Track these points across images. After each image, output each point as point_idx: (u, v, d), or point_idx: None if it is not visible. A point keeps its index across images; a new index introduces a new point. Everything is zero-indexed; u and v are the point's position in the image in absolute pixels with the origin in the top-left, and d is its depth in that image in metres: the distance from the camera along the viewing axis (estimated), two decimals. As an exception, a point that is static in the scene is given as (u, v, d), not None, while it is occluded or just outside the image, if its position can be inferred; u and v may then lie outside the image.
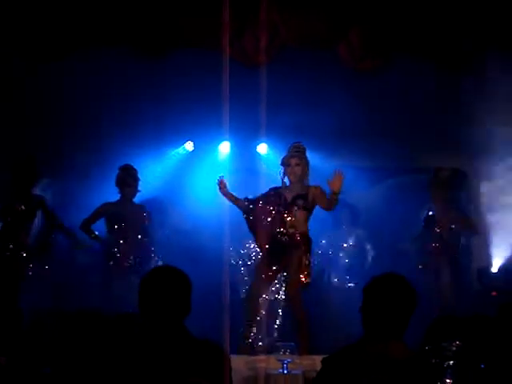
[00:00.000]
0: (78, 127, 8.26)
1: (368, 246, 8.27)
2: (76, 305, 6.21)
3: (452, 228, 7.51)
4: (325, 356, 3.15)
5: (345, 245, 8.15)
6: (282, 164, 6.42)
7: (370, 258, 8.25)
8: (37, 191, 7.31)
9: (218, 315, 4.48)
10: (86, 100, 8.00)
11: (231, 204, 6.72)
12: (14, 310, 4.96)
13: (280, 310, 6.97)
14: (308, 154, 8.84)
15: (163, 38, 5.92)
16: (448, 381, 3.66)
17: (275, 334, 6.68)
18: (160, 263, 7.25)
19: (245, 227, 7.06)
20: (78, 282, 7.43)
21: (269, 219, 6.33)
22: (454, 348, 3.62)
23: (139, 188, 7.37)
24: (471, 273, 8.34)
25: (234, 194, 6.42)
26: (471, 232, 7.72)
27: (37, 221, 7.12)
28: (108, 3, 5.76)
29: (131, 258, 7.18)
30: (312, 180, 6.62)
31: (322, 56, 6.18)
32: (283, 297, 6.79)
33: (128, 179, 7.23)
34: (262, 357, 5.49)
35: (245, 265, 7.61)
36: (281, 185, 6.44)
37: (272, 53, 5.94)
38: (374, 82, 7.04)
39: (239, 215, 7.81)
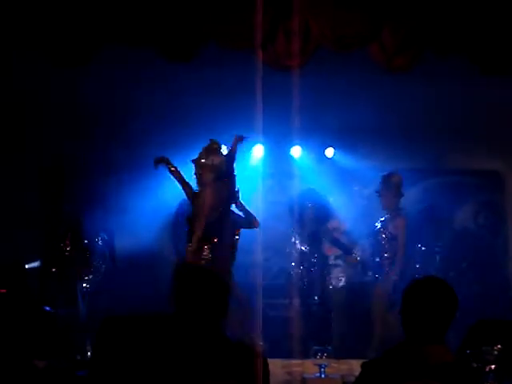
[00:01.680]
0: (104, 131, 8.31)
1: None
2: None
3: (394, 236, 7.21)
4: (365, 360, 3.11)
5: None
6: None
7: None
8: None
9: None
10: (112, 104, 8.04)
11: (265, 209, 6.81)
12: (45, 314, 5.01)
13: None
14: (341, 156, 8.86)
15: (193, 40, 5.91)
16: (489, 385, 3.60)
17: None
18: None
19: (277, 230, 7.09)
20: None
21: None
22: (496, 352, 3.55)
23: None
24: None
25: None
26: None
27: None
28: (136, 3, 5.76)
29: None
30: (346, 181, 6.60)
31: (356, 56, 6.12)
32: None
33: None
34: (299, 361, 5.46)
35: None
36: None
37: (305, 55, 5.90)
38: (407, 81, 6.98)
39: (275, 220, 7.83)
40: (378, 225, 7.21)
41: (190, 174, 7.88)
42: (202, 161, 6.56)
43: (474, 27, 5.76)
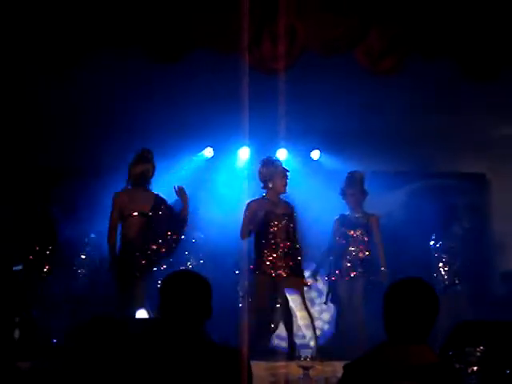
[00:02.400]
0: (91, 135, 8.30)
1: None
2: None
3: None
4: (346, 362, 3.12)
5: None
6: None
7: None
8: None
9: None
10: (99, 106, 8.03)
11: None
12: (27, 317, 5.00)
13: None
14: (328, 159, 8.89)
15: (180, 42, 5.91)
16: (472, 386, 3.62)
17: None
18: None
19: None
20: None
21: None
22: (478, 353, 3.58)
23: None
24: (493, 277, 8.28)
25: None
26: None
27: None
28: (122, 5, 5.75)
29: None
30: (331, 184, 6.64)
31: (341, 60, 6.15)
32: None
33: None
34: (283, 362, 5.46)
35: None
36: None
37: (291, 58, 5.91)
38: (393, 85, 7.01)
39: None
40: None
41: (177, 178, 7.94)
42: (133, 168, 6.80)
43: (460, 31, 5.79)
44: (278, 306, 6.53)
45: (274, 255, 6.48)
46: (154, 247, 6.61)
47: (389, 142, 8.43)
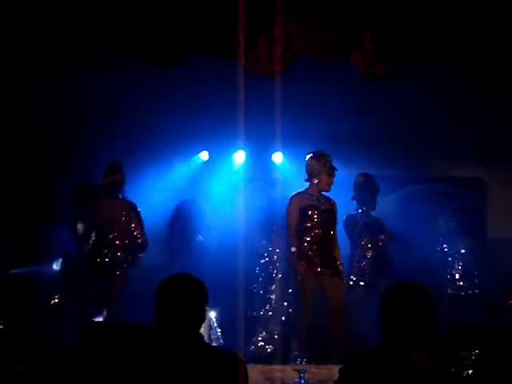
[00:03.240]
0: (90, 137, 8.29)
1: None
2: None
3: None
4: (342, 365, 3.12)
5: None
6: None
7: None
8: None
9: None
10: (98, 110, 8.03)
11: (246, 215, 6.84)
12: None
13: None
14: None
15: (176, 47, 5.92)
16: (467, 390, 3.61)
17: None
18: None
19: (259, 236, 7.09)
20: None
21: None
22: (474, 357, 3.58)
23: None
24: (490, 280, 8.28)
25: None
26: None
27: None
28: (119, 11, 5.75)
29: None
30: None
31: (337, 64, 6.16)
32: None
33: None
34: (279, 366, 5.46)
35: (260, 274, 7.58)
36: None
37: (286, 61, 5.92)
38: (388, 89, 7.03)
39: (254, 225, 7.82)
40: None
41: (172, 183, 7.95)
42: (103, 179, 7.06)
43: (454, 35, 5.81)
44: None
45: (314, 250, 6.38)
46: (119, 254, 6.90)
47: (385, 146, 8.44)
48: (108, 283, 6.85)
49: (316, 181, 6.51)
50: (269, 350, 6.64)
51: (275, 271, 7.22)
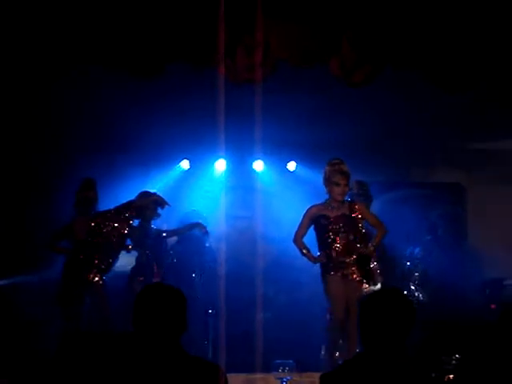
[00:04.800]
0: (72, 148, 8.27)
1: None
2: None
3: None
4: (323, 372, 3.12)
5: None
6: None
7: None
8: None
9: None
10: (80, 120, 8.01)
11: (228, 223, 6.81)
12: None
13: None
14: (303, 169, 8.91)
15: (155, 57, 5.90)
16: (448, 395, 3.63)
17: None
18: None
19: (240, 243, 7.06)
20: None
21: None
22: (454, 361, 3.59)
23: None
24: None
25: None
26: None
27: None
28: (97, 22, 5.73)
29: None
30: (307, 195, 6.63)
31: (316, 71, 6.18)
32: None
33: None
34: (261, 375, 5.44)
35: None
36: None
37: (266, 70, 5.93)
38: (368, 96, 7.07)
39: (234, 234, 7.83)
40: None
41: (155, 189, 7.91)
42: (76, 195, 7.09)
43: (430, 43, 5.85)
44: None
45: (335, 256, 6.17)
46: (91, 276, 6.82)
47: (364, 153, 8.46)
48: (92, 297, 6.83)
49: (327, 189, 6.32)
50: None
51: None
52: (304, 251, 6.27)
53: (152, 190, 7.25)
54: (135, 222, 7.16)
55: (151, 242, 7.48)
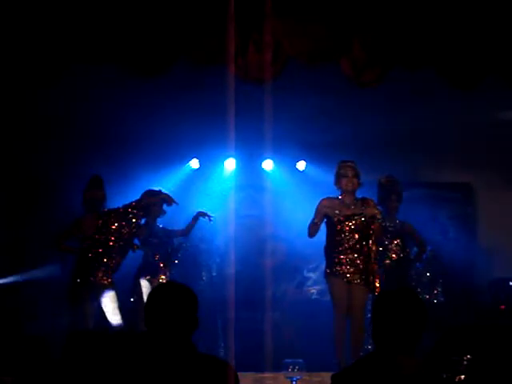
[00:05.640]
0: (80, 147, 8.28)
1: None
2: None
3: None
4: (334, 373, 3.11)
5: None
6: None
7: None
8: None
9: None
10: (87, 120, 8.02)
11: (237, 221, 6.80)
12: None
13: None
14: (313, 169, 8.90)
15: (166, 54, 5.89)
16: (459, 396, 3.60)
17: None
18: None
19: (249, 243, 7.03)
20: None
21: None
22: (465, 362, 3.56)
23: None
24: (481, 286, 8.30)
25: None
26: None
27: None
28: (107, 17, 5.72)
29: None
30: (317, 195, 6.62)
31: (327, 71, 6.16)
32: None
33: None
34: (270, 374, 5.44)
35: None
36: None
37: (276, 69, 5.92)
38: (378, 96, 7.04)
39: (244, 233, 7.80)
40: None
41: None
42: (84, 194, 7.01)
43: (440, 41, 5.83)
44: None
45: (342, 258, 6.17)
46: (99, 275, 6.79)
47: (374, 153, 8.45)
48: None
49: (337, 185, 6.35)
50: None
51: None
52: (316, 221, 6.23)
53: (156, 188, 7.22)
54: (142, 221, 7.16)
55: (157, 240, 7.49)
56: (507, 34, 5.71)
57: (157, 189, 7.22)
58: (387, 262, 7.13)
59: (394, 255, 7.17)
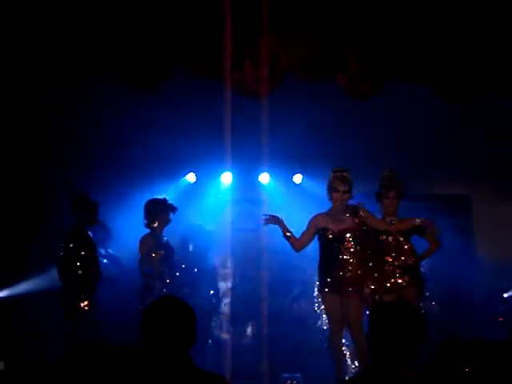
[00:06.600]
0: (75, 160, 8.28)
1: None
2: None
3: None
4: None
5: None
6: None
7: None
8: None
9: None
10: (83, 133, 8.02)
11: (234, 235, 6.76)
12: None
13: None
14: (309, 183, 8.90)
15: (163, 68, 5.91)
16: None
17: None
18: None
19: (246, 257, 7.02)
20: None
21: None
22: (464, 374, 3.56)
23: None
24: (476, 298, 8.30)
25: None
26: None
27: None
28: (104, 30, 5.73)
29: None
30: (314, 207, 6.62)
31: (323, 84, 6.19)
32: None
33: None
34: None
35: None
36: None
37: (273, 83, 5.94)
38: (375, 109, 7.07)
39: (240, 246, 7.78)
40: None
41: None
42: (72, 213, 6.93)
43: (434, 55, 5.86)
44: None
45: (334, 273, 6.14)
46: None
47: (370, 166, 8.46)
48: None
49: (328, 197, 6.30)
50: None
51: None
52: (287, 234, 6.23)
53: (161, 197, 7.17)
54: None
55: (164, 253, 7.35)
56: (501, 50, 5.74)
57: (161, 197, 7.16)
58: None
59: None
